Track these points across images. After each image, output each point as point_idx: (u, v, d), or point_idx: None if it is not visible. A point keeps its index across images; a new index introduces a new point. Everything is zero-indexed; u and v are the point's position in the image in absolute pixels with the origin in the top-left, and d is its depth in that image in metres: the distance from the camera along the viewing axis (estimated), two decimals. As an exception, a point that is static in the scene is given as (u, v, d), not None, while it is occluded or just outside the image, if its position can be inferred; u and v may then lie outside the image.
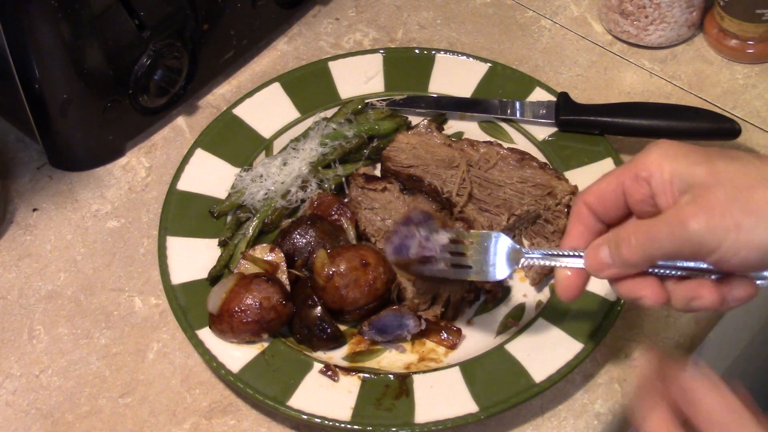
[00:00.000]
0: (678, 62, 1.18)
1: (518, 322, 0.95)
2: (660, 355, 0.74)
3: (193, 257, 0.99)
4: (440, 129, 1.08)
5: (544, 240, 1.00)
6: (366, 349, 0.94)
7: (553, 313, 0.94)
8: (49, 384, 0.96)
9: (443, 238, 0.86)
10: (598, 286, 0.94)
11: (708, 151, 0.75)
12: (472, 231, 0.88)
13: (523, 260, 0.83)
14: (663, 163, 0.76)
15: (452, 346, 0.94)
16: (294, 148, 1.06)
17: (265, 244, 0.98)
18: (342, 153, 1.06)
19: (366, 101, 1.10)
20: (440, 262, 0.86)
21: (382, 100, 1.11)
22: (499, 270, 0.83)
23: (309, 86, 1.13)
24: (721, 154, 0.75)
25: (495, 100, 1.10)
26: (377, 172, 1.07)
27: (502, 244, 0.83)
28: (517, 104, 1.09)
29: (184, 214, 1.02)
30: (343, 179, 1.05)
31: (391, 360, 0.94)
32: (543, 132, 1.08)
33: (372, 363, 0.94)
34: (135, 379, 0.95)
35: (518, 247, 0.83)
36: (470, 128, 1.10)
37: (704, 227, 0.73)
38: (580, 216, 0.81)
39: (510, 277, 0.88)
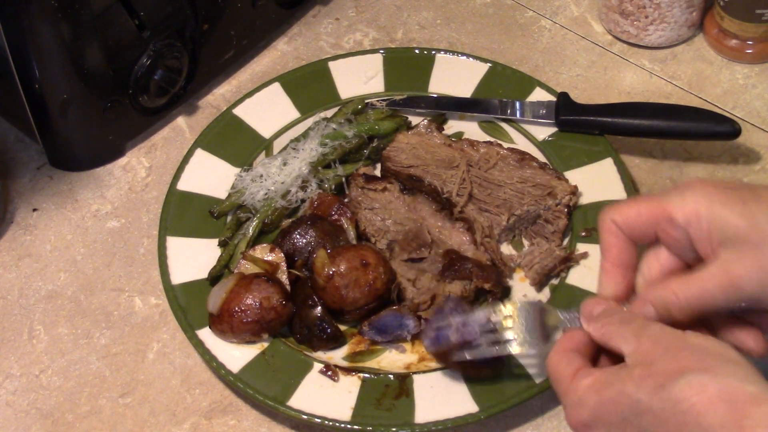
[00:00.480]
0: (678, 62, 1.18)
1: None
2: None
3: (193, 257, 0.99)
4: (440, 129, 1.08)
5: (544, 240, 1.00)
6: (366, 349, 0.94)
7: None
8: (49, 384, 0.96)
9: (480, 318, 0.84)
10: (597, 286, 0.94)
11: (742, 195, 0.74)
12: (507, 304, 0.85)
13: (561, 326, 0.82)
14: (700, 210, 0.75)
15: None
16: (294, 148, 1.06)
17: (265, 244, 0.98)
18: (342, 153, 1.06)
19: (366, 101, 1.10)
20: (481, 344, 0.84)
21: (382, 100, 1.11)
22: (542, 339, 0.82)
23: (309, 86, 1.13)
24: (755, 197, 0.74)
25: (495, 100, 1.10)
26: (377, 172, 1.07)
27: (538, 313, 0.82)
28: (517, 104, 1.09)
29: (184, 214, 1.02)
30: (343, 179, 1.05)
31: (391, 360, 0.94)
32: (543, 132, 1.08)
33: (372, 363, 0.94)
34: (135, 379, 0.95)
35: (557, 313, 0.82)
36: (470, 128, 1.10)
37: (757, 286, 0.73)
38: (611, 233, 0.80)
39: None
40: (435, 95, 1.12)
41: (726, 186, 0.76)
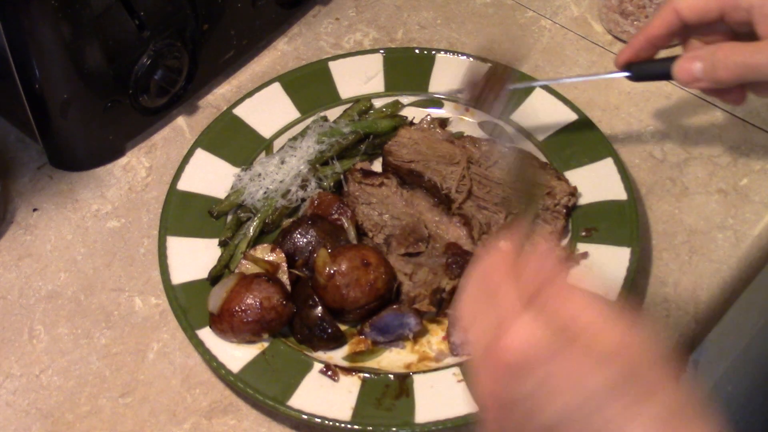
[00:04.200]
0: (678, 62, 1.18)
1: (518, 322, 0.95)
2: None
3: (193, 257, 0.99)
4: (443, 126, 1.08)
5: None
6: (366, 349, 0.94)
7: (553, 313, 0.94)
8: (49, 384, 0.96)
9: None
10: (598, 286, 0.94)
11: None
12: None
13: None
14: None
15: None
16: (292, 147, 1.06)
17: (265, 244, 0.98)
18: (339, 150, 1.06)
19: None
20: None
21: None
22: None
23: (309, 86, 1.13)
24: None
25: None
26: (375, 168, 1.07)
27: None
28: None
29: (184, 214, 1.02)
30: (342, 176, 1.05)
31: (391, 360, 0.94)
32: (543, 132, 1.08)
33: (372, 363, 0.94)
34: (135, 379, 0.95)
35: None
36: (471, 128, 1.10)
37: None
38: (665, 14, 0.92)
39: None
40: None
41: None
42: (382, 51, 1.16)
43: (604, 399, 0.57)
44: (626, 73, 0.99)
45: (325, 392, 0.90)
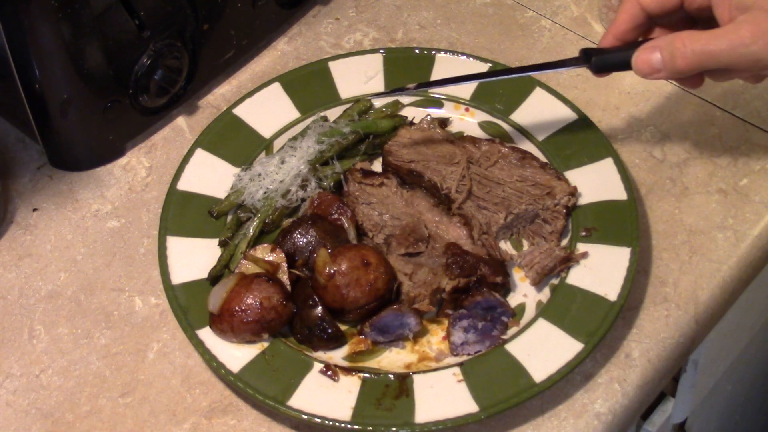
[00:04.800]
0: (678, 62, 1.18)
1: (518, 322, 0.95)
2: None
3: (193, 257, 0.99)
4: (443, 125, 1.08)
5: (542, 240, 1.00)
6: (366, 349, 0.94)
7: (553, 313, 0.94)
8: (49, 384, 0.96)
9: None
10: (598, 286, 0.94)
11: None
12: None
13: None
14: None
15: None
16: (291, 147, 1.06)
17: (265, 244, 0.98)
18: (339, 149, 1.06)
19: (405, 87, 1.07)
20: None
21: (417, 86, 1.07)
22: None
23: (309, 86, 1.13)
24: None
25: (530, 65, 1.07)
26: (375, 167, 1.07)
27: None
28: (543, 64, 1.05)
29: (184, 214, 1.02)
30: (342, 176, 1.05)
31: (391, 360, 0.94)
32: (543, 132, 1.08)
33: (372, 363, 0.94)
34: (135, 379, 0.95)
35: None
36: (471, 128, 1.10)
37: (763, 49, 0.83)
38: (629, 8, 0.92)
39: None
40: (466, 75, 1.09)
41: None
42: (382, 51, 1.16)
43: None
44: (585, 65, 0.97)
45: (325, 392, 0.90)
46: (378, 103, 1.12)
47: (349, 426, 0.88)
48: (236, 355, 0.92)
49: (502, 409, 0.88)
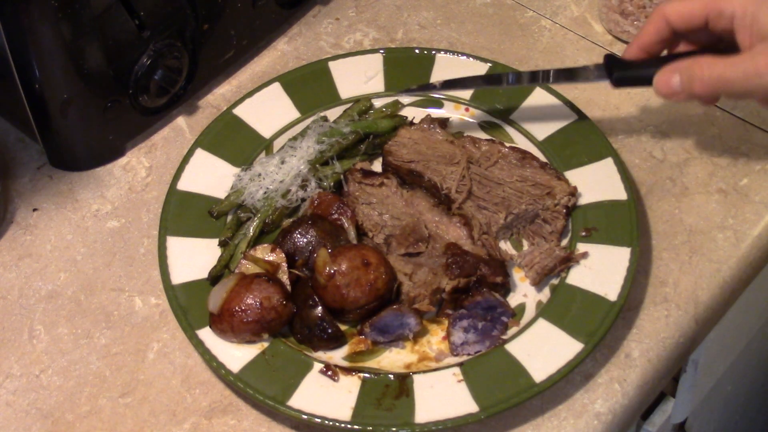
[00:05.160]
0: (678, 62, 1.18)
1: (518, 322, 0.95)
2: None
3: (193, 257, 0.99)
4: (443, 125, 1.08)
5: (542, 240, 1.00)
6: (366, 349, 0.94)
7: (553, 313, 0.94)
8: (49, 384, 0.96)
9: None
10: (598, 286, 0.94)
11: None
12: None
13: None
14: (748, 7, 0.88)
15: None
16: (292, 147, 1.06)
17: (266, 244, 0.98)
18: (339, 149, 1.06)
19: (402, 91, 1.09)
20: None
21: (419, 87, 1.09)
22: None
23: (309, 86, 1.13)
24: None
25: (528, 71, 1.06)
26: (375, 168, 1.07)
27: None
28: (563, 70, 1.04)
29: (184, 214, 1.02)
30: (342, 176, 1.05)
31: (391, 360, 0.94)
32: (543, 132, 1.08)
33: (372, 363, 0.94)
34: (135, 379, 0.95)
35: None
36: (471, 128, 1.10)
37: None
38: (655, 21, 0.95)
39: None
40: (471, 77, 1.09)
41: None
42: (382, 51, 1.16)
43: None
44: (607, 79, 1.00)
45: (325, 392, 0.90)
46: (378, 103, 1.12)
47: (349, 426, 0.88)
48: (236, 355, 0.92)
49: (502, 409, 0.88)
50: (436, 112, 1.11)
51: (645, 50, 0.97)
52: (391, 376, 0.91)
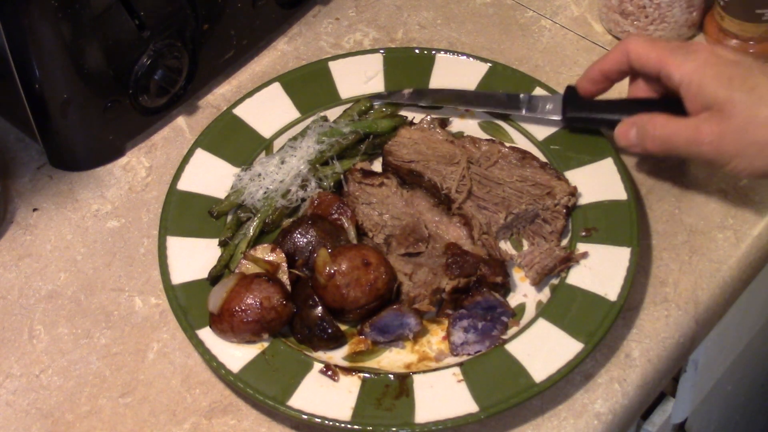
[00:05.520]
0: (678, 62, 1.18)
1: (518, 322, 0.95)
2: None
3: (193, 257, 0.99)
4: (443, 125, 1.08)
5: (542, 240, 1.00)
6: (366, 349, 0.94)
7: (553, 313, 0.94)
8: (49, 384, 0.96)
9: None
10: (598, 286, 0.94)
11: (732, 73, 0.91)
12: None
13: None
14: (693, 77, 0.92)
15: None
16: (292, 147, 1.06)
17: (266, 245, 0.98)
18: (339, 149, 1.06)
19: (370, 97, 1.10)
20: None
21: (389, 94, 1.11)
22: None
23: (309, 86, 1.13)
24: (743, 76, 0.90)
25: (502, 94, 1.09)
26: (375, 167, 1.07)
27: None
28: (522, 97, 1.07)
29: (184, 214, 1.02)
30: (342, 176, 1.05)
31: (391, 360, 0.94)
32: (543, 132, 1.08)
33: (372, 363, 0.94)
34: (135, 379, 0.95)
35: None
36: (471, 128, 1.10)
37: (714, 150, 0.91)
38: (618, 53, 0.99)
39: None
40: (440, 89, 1.11)
41: (726, 61, 0.92)
42: (382, 51, 1.16)
43: None
44: (558, 117, 1.06)
45: (325, 392, 0.90)
46: (378, 103, 1.12)
47: (349, 426, 0.88)
48: (236, 355, 0.92)
49: (502, 409, 0.88)
50: (436, 112, 1.11)
51: (605, 75, 1.01)
52: (391, 376, 0.91)
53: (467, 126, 1.10)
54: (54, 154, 1.12)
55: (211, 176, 1.06)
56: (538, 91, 1.10)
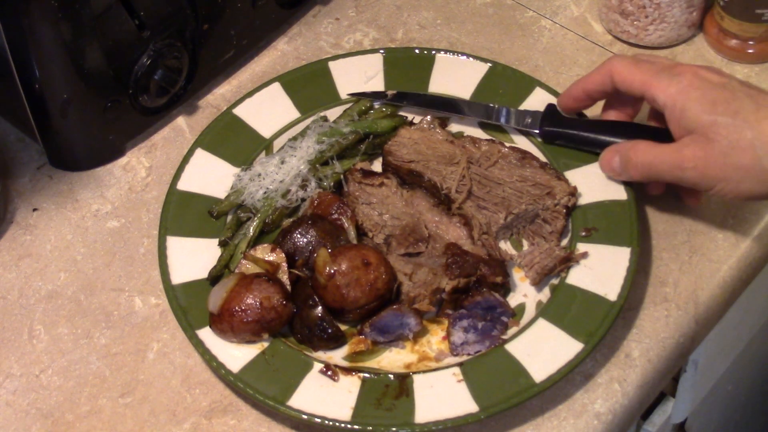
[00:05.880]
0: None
1: (518, 322, 0.95)
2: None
3: (193, 257, 0.99)
4: (443, 125, 1.09)
5: (542, 240, 1.00)
6: (366, 349, 0.94)
7: (553, 313, 0.94)
8: (49, 384, 0.96)
9: None
10: (598, 286, 0.94)
11: (716, 97, 0.90)
12: None
13: None
14: (677, 100, 0.91)
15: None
16: (291, 147, 1.06)
17: (266, 244, 0.98)
18: (339, 149, 1.06)
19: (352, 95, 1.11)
20: None
21: (374, 93, 1.11)
22: None
23: (309, 86, 1.13)
24: (726, 100, 0.90)
25: (482, 104, 1.09)
26: (375, 168, 1.07)
27: None
28: (503, 110, 1.08)
29: (184, 214, 1.02)
30: (342, 176, 1.05)
31: (391, 360, 0.94)
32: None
33: (372, 363, 0.94)
34: (135, 379, 0.95)
35: None
36: (471, 128, 1.10)
37: (698, 175, 0.90)
38: (602, 73, 0.98)
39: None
40: (423, 93, 1.11)
41: (710, 84, 0.91)
42: (382, 51, 1.16)
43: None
44: (536, 130, 1.06)
45: (325, 392, 0.90)
46: (378, 103, 1.12)
47: (349, 426, 0.88)
48: (236, 355, 0.92)
49: (502, 409, 0.88)
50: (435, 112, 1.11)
51: (588, 93, 1.01)
52: (391, 376, 0.91)
53: (467, 126, 1.10)
54: (54, 154, 1.12)
55: (211, 176, 1.06)
56: (538, 92, 1.10)
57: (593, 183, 1.02)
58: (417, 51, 1.15)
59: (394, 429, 0.87)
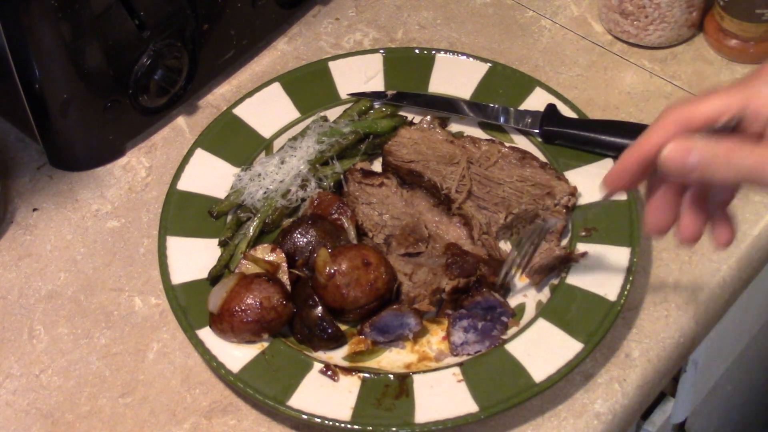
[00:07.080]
0: (678, 62, 1.18)
1: (518, 322, 0.95)
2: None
3: (193, 257, 0.99)
4: (443, 125, 1.09)
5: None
6: (366, 349, 0.94)
7: (553, 313, 0.94)
8: (49, 384, 0.96)
9: None
10: (598, 286, 0.94)
11: None
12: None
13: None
14: None
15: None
16: (291, 147, 1.06)
17: (266, 244, 0.98)
18: (339, 149, 1.06)
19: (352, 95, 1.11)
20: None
21: (374, 93, 1.11)
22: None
23: (309, 86, 1.13)
24: None
25: (482, 104, 1.09)
26: (375, 167, 1.07)
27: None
28: (503, 110, 1.08)
29: (184, 214, 1.03)
30: (342, 176, 1.05)
31: (391, 360, 0.94)
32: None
33: (372, 363, 0.94)
34: (135, 379, 0.95)
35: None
36: (471, 128, 1.10)
37: None
38: (667, 126, 0.77)
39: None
40: (423, 93, 1.11)
41: None
42: (382, 51, 1.16)
43: None
44: (536, 130, 1.05)
45: (325, 392, 0.90)
46: (378, 103, 1.12)
47: (349, 426, 0.88)
48: (236, 355, 0.92)
49: (502, 409, 0.88)
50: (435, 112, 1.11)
51: (644, 164, 0.78)
52: (391, 376, 0.91)
53: (467, 126, 1.10)
54: (54, 154, 1.12)
55: (211, 176, 1.06)
56: (538, 92, 1.10)
57: (593, 183, 1.02)
58: (417, 51, 1.15)
59: (394, 429, 0.87)
